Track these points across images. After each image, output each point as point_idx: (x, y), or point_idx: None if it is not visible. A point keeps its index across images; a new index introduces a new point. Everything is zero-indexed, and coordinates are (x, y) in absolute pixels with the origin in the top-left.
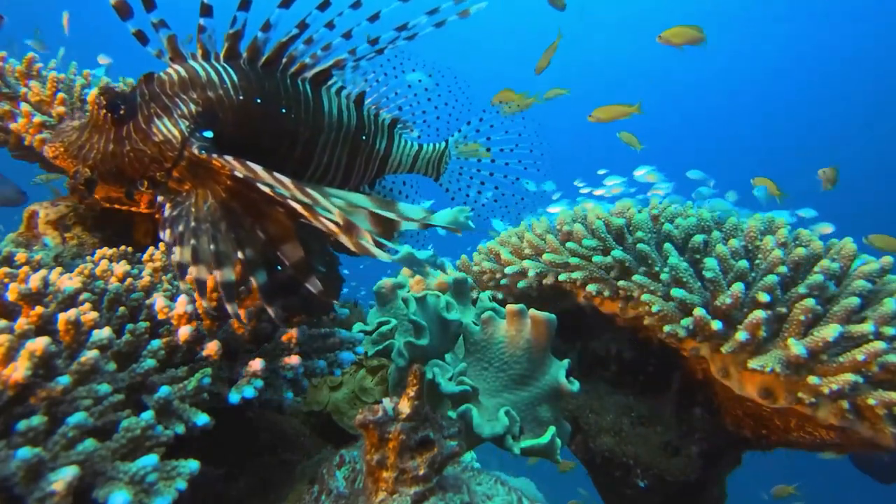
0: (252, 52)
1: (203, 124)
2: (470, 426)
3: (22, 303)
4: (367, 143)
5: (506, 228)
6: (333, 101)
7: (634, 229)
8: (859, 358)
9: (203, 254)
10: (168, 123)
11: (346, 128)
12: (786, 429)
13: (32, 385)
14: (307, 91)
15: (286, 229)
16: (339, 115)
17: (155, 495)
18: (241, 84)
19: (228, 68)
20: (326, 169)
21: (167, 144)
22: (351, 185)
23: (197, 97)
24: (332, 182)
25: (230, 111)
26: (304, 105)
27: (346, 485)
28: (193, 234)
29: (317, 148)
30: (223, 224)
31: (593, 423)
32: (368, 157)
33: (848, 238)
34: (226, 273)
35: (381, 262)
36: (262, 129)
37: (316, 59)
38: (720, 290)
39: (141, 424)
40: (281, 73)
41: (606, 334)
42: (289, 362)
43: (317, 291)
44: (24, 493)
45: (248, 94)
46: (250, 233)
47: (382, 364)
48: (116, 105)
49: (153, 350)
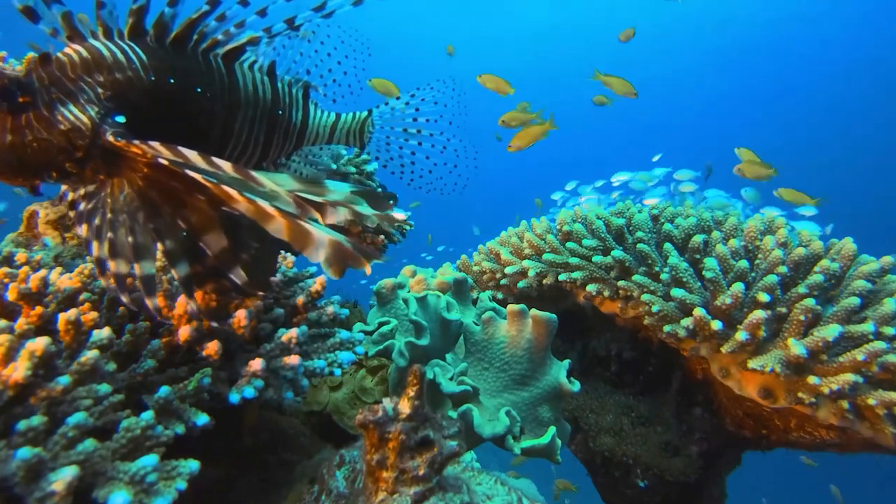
0: (159, 29)
1: (113, 109)
2: (470, 426)
3: (22, 303)
4: (283, 117)
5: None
6: (248, 77)
7: (634, 229)
8: (859, 358)
9: (121, 247)
10: (74, 110)
11: (262, 103)
12: (786, 429)
13: (32, 385)
14: (221, 68)
15: (208, 218)
16: (255, 90)
17: (155, 495)
18: (152, 64)
19: (135, 47)
20: (245, 146)
21: (76, 133)
22: (269, 160)
23: (104, 80)
24: (251, 159)
25: (142, 93)
26: (220, 83)
27: (346, 485)
28: (111, 227)
29: (235, 126)
30: (141, 215)
31: (593, 423)
32: (286, 131)
33: (848, 238)
34: (145, 266)
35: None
36: (177, 110)
37: (229, 37)
38: (720, 290)
39: (141, 424)
40: (192, 51)
41: (606, 334)
42: (289, 362)
43: (241, 282)
44: (24, 492)
45: (160, 74)
46: (170, 223)
47: (382, 364)
48: (11, 92)
49: (153, 350)
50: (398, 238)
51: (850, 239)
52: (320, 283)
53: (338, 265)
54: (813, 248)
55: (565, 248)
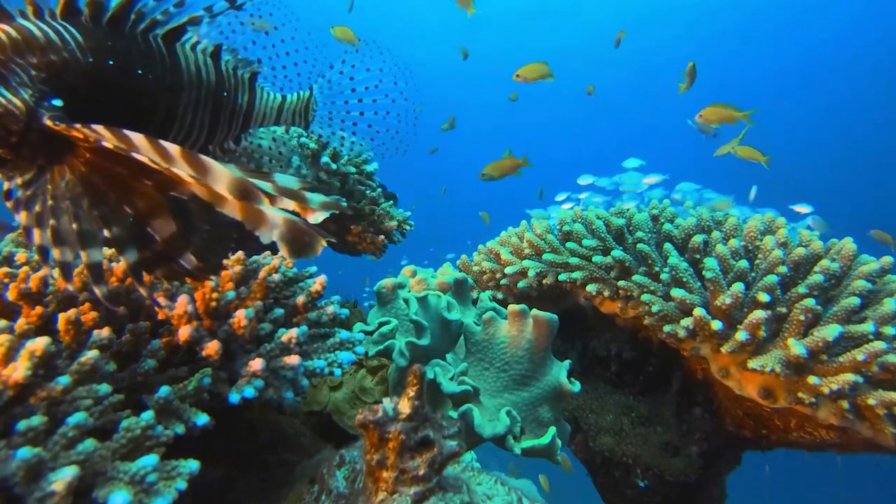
0: (93, 8)
1: (49, 92)
2: (471, 426)
3: (22, 303)
4: (228, 99)
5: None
6: (190, 58)
7: (634, 229)
8: (859, 358)
9: (66, 234)
10: (6, 93)
11: (206, 85)
12: (786, 429)
13: (32, 385)
14: (161, 49)
15: (156, 203)
16: (198, 71)
17: (155, 495)
18: (88, 44)
19: (69, 27)
20: (190, 129)
21: (8, 117)
22: (216, 143)
23: (37, 62)
24: (197, 142)
25: (79, 76)
26: (161, 64)
27: (346, 485)
28: (52, 214)
29: (179, 109)
30: (85, 201)
31: (593, 423)
32: (231, 114)
33: (848, 238)
34: (92, 254)
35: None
36: (118, 93)
37: (168, 16)
38: (720, 290)
39: (141, 424)
40: (130, 32)
41: (606, 334)
42: (289, 362)
43: (192, 268)
44: (24, 492)
45: (98, 55)
46: (116, 209)
47: (382, 364)
48: None
49: (153, 350)
50: (398, 238)
51: (850, 239)
52: (320, 283)
53: (293, 244)
54: (813, 248)
55: (565, 248)
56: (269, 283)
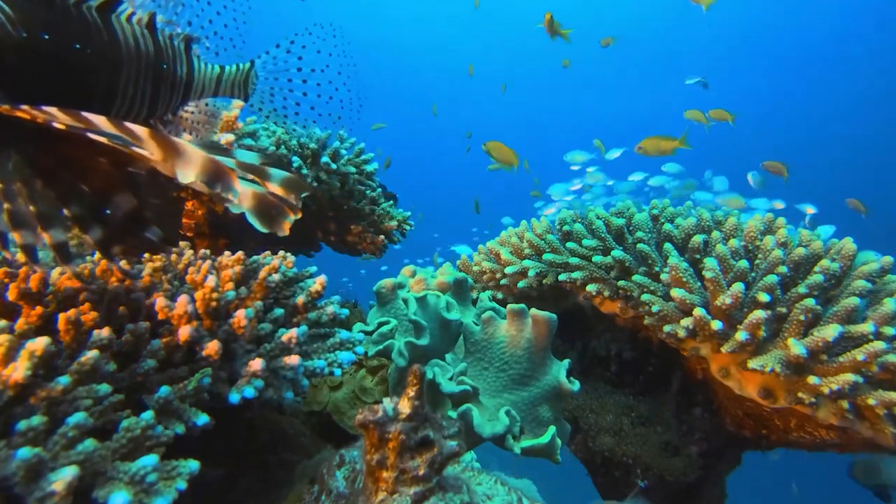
0: None
1: None
2: (470, 426)
3: (22, 303)
4: (168, 71)
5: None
6: (127, 30)
7: (634, 229)
8: (859, 358)
9: (23, 216)
10: None
11: (145, 57)
12: (786, 429)
13: (32, 385)
14: (97, 21)
15: (114, 180)
16: (136, 44)
17: (155, 495)
18: (18, 17)
19: None
20: (132, 103)
21: None
22: (157, 115)
23: None
24: (139, 115)
25: (11, 51)
26: (98, 37)
27: (346, 485)
28: (6, 197)
29: (119, 82)
30: (38, 182)
31: (593, 423)
32: (172, 85)
33: (848, 238)
34: (55, 234)
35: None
36: (55, 68)
37: None
38: (720, 290)
39: (141, 424)
40: (62, 3)
41: (606, 334)
42: (289, 362)
43: (158, 240)
44: (24, 492)
45: (31, 28)
46: (71, 188)
47: (382, 364)
48: None
49: (153, 350)
50: (398, 238)
51: (850, 239)
52: (320, 283)
53: (262, 217)
54: (813, 248)
55: (565, 248)
56: (269, 283)
